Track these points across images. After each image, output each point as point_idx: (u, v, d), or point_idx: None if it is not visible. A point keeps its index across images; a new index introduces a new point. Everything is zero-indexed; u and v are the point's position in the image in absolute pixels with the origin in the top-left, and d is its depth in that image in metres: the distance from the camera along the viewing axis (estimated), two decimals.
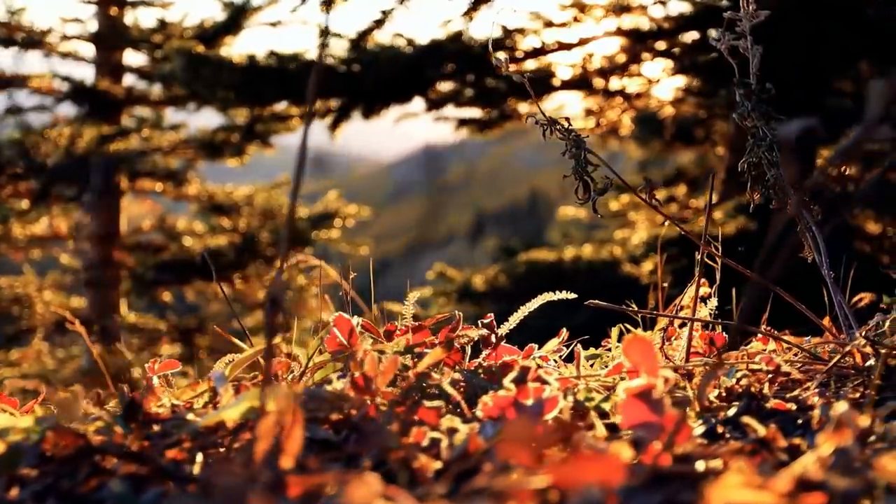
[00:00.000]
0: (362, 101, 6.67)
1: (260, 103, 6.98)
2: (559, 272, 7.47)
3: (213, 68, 6.47)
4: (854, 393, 1.62)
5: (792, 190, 2.10)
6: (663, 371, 1.39)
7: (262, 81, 6.42)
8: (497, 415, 1.42)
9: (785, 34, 6.36)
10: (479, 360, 2.02)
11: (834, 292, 1.97)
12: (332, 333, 1.88)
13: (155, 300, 10.77)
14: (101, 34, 11.01)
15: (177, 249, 10.51)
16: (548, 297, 2.16)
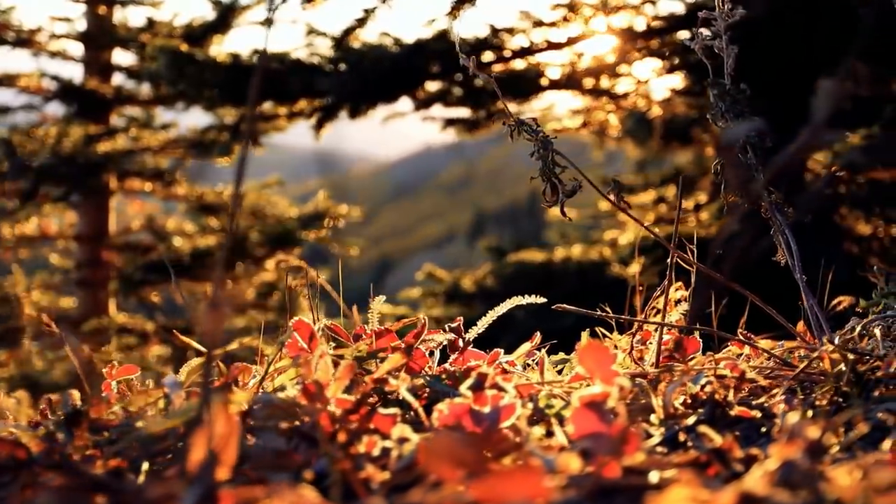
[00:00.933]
0: (348, 101, 6.63)
1: (243, 103, 6.93)
2: (548, 273, 7.43)
3: (196, 67, 6.42)
4: (822, 400, 1.59)
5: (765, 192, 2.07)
6: (619, 379, 1.36)
7: (246, 81, 6.37)
8: (453, 423, 1.39)
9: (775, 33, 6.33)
10: (445, 366, 1.99)
11: (806, 296, 1.94)
12: (293, 337, 1.84)
13: (143, 301, 10.72)
14: (89, 33, 10.95)
15: (165, 250, 10.45)
16: (517, 301, 2.13)
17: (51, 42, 10.85)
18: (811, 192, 6.49)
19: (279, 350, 1.83)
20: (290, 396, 1.48)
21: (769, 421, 1.49)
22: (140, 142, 10.42)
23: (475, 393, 1.48)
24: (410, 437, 1.32)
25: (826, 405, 1.56)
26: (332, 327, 2.19)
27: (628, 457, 1.12)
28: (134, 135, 10.38)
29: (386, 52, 6.09)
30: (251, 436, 1.44)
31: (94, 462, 1.31)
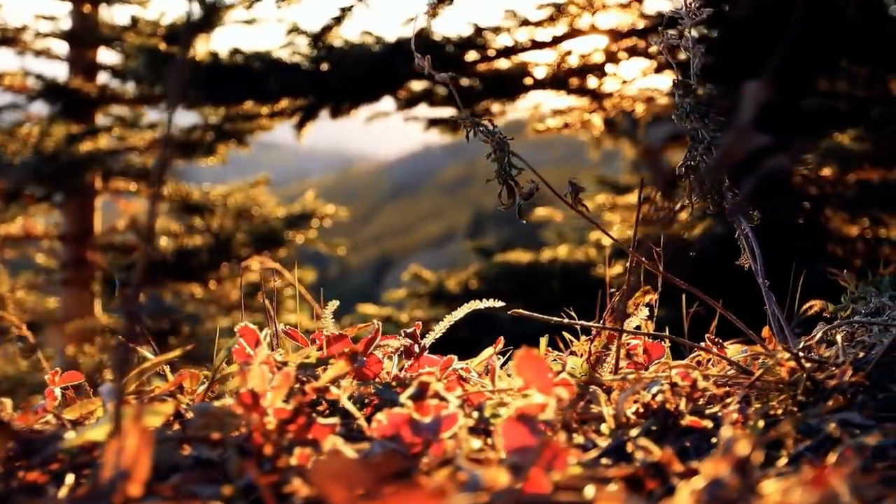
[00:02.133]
0: (329, 101, 6.57)
1: (223, 102, 6.87)
2: (534, 274, 7.39)
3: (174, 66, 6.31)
4: (777, 409, 1.55)
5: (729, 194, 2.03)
6: (557, 389, 1.31)
7: (225, 80, 6.31)
8: (391, 433, 1.34)
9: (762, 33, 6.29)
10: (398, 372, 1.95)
11: (768, 301, 1.90)
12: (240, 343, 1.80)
13: None
14: (74, 32, 10.89)
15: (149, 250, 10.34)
16: (475, 305, 2.09)
17: (36, 41, 10.79)
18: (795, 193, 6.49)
19: (225, 356, 1.78)
20: (226, 405, 1.44)
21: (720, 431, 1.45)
22: (125, 141, 10.35)
23: (416, 402, 1.44)
24: (342, 448, 1.28)
25: (781, 414, 1.52)
26: (290, 332, 2.15)
27: (557, 471, 1.08)
28: (118, 134, 10.31)
29: (367, 51, 6.04)
30: (188, 446, 1.40)
31: (13, 475, 1.26)
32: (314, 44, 5.80)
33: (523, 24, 7.19)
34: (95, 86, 10.76)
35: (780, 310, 1.96)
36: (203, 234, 10.52)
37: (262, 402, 1.41)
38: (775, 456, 1.32)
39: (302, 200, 11.28)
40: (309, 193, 11.33)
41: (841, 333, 1.82)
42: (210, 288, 10.11)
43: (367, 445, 1.33)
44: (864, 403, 1.50)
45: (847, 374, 1.49)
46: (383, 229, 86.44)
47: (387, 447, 1.30)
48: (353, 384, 1.72)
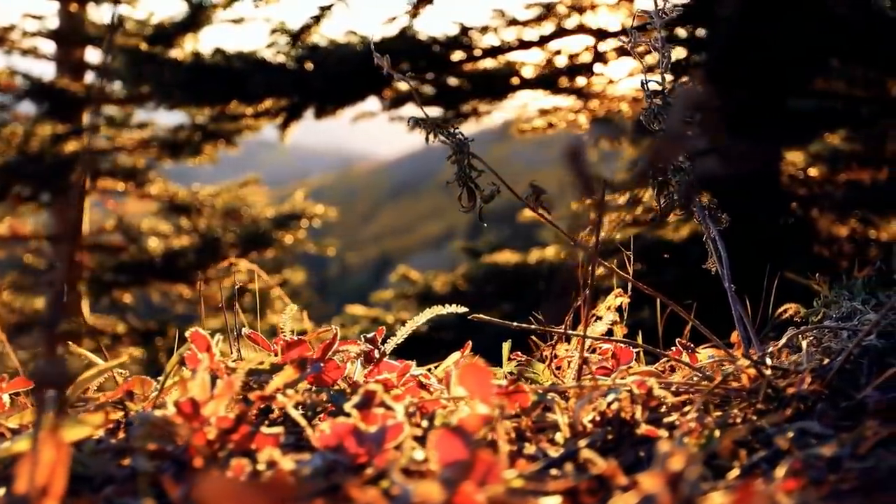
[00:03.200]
0: (314, 101, 6.52)
1: (205, 103, 6.81)
2: (521, 275, 7.33)
3: (156, 67, 6.30)
4: (736, 418, 1.51)
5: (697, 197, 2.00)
6: (497, 399, 1.27)
7: (207, 80, 6.25)
8: (335, 444, 1.30)
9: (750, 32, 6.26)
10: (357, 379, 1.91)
11: (734, 305, 1.86)
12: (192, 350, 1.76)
13: (115, 302, 10.59)
14: (61, 31, 10.82)
15: (136, 250, 10.31)
16: (437, 310, 2.05)
17: (23, 40, 10.71)
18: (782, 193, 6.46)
19: (176, 362, 1.74)
20: (166, 415, 1.39)
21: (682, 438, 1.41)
22: (113, 141, 10.28)
23: (362, 411, 1.40)
24: (279, 459, 1.24)
25: (740, 423, 1.48)
26: (252, 336, 2.11)
27: (491, 486, 1.04)
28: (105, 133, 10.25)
29: (351, 50, 5.99)
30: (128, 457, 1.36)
31: None
32: (293, 43, 5.75)
33: (511, 23, 7.16)
34: (82, 85, 10.69)
35: (748, 314, 1.92)
36: (191, 235, 10.47)
37: (202, 412, 1.38)
38: (728, 467, 1.28)
39: (291, 200, 11.23)
40: (298, 193, 11.28)
41: (807, 339, 1.79)
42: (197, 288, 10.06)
43: (309, 456, 1.29)
44: (824, 412, 1.46)
45: (806, 382, 1.45)
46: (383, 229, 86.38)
47: (327, 458, 1.26)
48: (305, 391, 1.68)
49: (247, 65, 6.19)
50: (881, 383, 1.53)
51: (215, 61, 6.25)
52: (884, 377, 1.51)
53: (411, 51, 6.09)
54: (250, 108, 6.99)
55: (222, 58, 6.26)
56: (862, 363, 1.67)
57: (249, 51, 6.43)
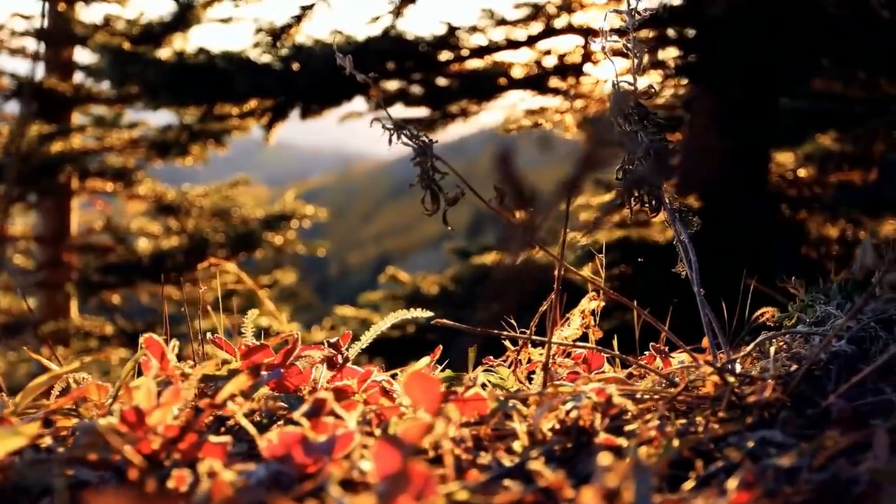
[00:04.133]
0: (299, 101, 6.48)
1: (189, 103, 6.76)
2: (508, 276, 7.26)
3: (140, 66, 6.26)
4: (698, 427, 1.47)
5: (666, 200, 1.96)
6: (448, 409, 1.24)
7: (190, 80, 6.20)
8: (282, 454, 1.27)
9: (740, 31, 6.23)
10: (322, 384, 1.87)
11: (702, 310, 1.83)
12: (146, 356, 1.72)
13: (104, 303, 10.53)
14: (49, 30, 10.77)
15: (123, 251, 10.27)
16: (403, 314, 2.03)
17: (11, 39, 10.66)
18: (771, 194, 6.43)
19: (132, 369, 1.70)
20: (111, 423, 1.36)
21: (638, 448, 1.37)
22: (102, 141, 10.23)
23: (312, 420, 1.37)
24: (219, 470, 1.20)
25: (702, 432, 1.45)
26: (217, 340, 2.08)
27: (427, 499, 1.00)
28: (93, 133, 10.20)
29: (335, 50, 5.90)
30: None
31: None
32: (273, 43, 5.72)
33: (500, 23, 7.12)
34: (70, 85, 10.64)
35: (717, 319, 1.89)
36: (179, 236, 10.42)
37: (147, 420, 1.34)
38: (684, 478, 1.25)
39: (282, 201, 11.19)
40: (289, 194, 11.23)
41: (775, 345, 1.76)
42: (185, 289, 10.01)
43: (254, 466, 1.26)
44: (787, 420, 1.43)
45: (768, 390, 1.42)
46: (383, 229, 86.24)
47: (271, 469, 1.23)
48: (265, 398, 1.65)
49: (231, 65, 6.15)
50: (847, 391, 1.50)
51: (199, 61, 6.21)
52: (849, 385, 1.48)
53: (398, 51, 6.05)
54: (236, 109, 6.95)
55: (206, 58, 6.22)
56: (831, 369, 1.64)
57: (233, 50, 6.38)
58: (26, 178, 8.84)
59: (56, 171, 9.17)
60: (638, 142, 2.05)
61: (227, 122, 7.64)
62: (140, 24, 9.76)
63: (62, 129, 9.46)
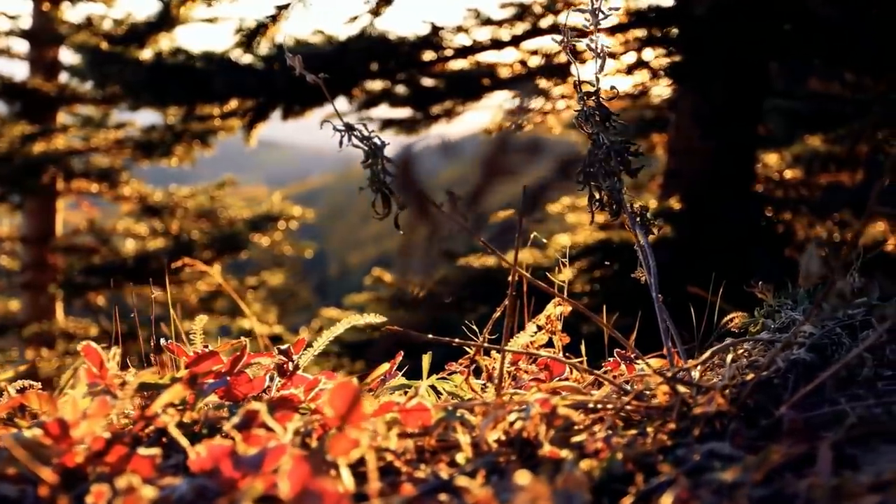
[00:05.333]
0: (280, 101, 6.43)
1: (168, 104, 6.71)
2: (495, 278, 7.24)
3: (118, 66, 6.20)
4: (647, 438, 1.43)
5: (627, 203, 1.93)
6: (373, 422, 1.20)
7: (169, 81, 6.15)
8: (210, 467, 1.22)
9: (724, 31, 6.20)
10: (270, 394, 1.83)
11: (660, 316, 1.79)
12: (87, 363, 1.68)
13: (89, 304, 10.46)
14: (34, 30, 10.71)
15: (107, 252, 10.21)
16: (355, 320, 1.99)
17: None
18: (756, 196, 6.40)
19: (71, 377, 1.66)
20: (35, 436, 1.31)
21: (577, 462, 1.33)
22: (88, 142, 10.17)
23: (243, 432, 1.33)
24: (138, 486, 1.16)
25: (650, 444, 1.41)
26: (170, 347, 2.04)
27: None
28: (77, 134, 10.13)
29: (315, 50, 5.89)
30: None
31: None
32: (247, 43, 5.67)
33: (486, 23, 7.07)
34: (55, 85, 10.58)
35: (675, 326, 1.85)
36: (165, 237, 10.37)
37: (72, 433, 1.30)
38: (625, 492, 1.21)
39: (269, 202, 11.13)
40: (276, 195, 11.17)
41: (732, 353, 1.72)
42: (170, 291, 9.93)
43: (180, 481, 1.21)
44: (736, 432, 1.38)
45: (716, 401, 1.38)
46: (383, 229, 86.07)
47: (196, 484, 1.18)
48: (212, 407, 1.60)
49: (210, 65, 6.10)
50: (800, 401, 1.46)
51: (177, 61, 6.15)
52: (800, 395, 1.44)
53: (380, 51, 6.01)
54: (217, 109, 6.90)
55: (185, 58, 6.16)
56: (788, 378, 1.60)
57: (213, 50, 6.33)
58: (8, 179, 8.77)
59: (39, 172, 9.11)
60: (599, 143, 2.02)
61: (209, 123, 7.59)
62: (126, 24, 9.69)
63: (45, 129, 9.39)
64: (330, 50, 5.91)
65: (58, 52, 11.07)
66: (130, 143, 9.90)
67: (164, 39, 8.57)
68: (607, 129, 2.03)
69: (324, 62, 5.73)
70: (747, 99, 6.67)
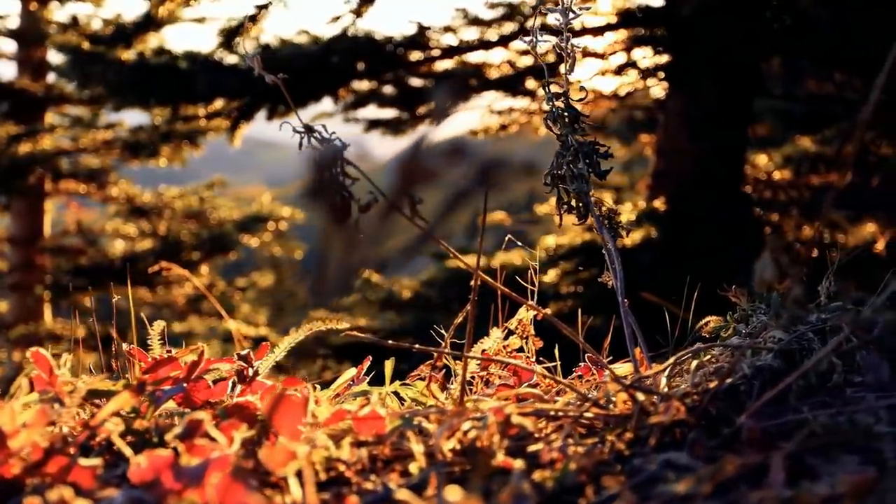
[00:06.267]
0: (265, 102, 6.38)
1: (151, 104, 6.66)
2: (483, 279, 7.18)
3: (100, 67, 6.16)
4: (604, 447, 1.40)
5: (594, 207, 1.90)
6: (314, 435, 1.17)
7: (152, 81, 6.10)
8: (151, 478, 1.19)
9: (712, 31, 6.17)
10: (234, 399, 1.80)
11: (625, 320, 1.76)
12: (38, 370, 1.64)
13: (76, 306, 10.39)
14: (21, 30, 10.65)
15: (94, 253, 10.16)
16: (318, 326, 1.95)
17: None
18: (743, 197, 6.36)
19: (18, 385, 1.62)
20: None
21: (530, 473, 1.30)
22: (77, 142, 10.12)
23: (186, 442, 1.29)
24: (69, 499, 1.12)
25: (608, 453, 1.38)
26: (132, 351, 2.00)
27: None
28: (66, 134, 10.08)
29: (299, 50, 5.85)
30: None
31: None
32: (227, 43, 5.62)
33: (474, 23, 7.04)
34: (42, 85, 10.52)
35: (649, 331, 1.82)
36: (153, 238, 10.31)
37: (9, 443, 1.26)
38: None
39: (258, 202, 11.07)
40: (265, 196, 11.12)
41: (698, 360, 1.69)
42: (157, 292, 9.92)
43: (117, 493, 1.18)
44: (695, 441, 1.35)
45: (673, 409, 1.34)
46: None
47: (132, 496, 1.15)
48: (153, 417, 1.57)
49: (194, 65, 6.05)
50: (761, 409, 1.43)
51: (160, 61, 6.11)
52: (761, 402, 1.41)
53: (366, 51, 5.97)
54: (202, 110, 6.86)
55: (168, 58, 6.12)
56: (754, 384, 1.57)
57: (196, 51, 6.28)
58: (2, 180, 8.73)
59: (26, 173, 9.05)
60: (567, 145, 1.99)
61: (194, 123, 7.54)
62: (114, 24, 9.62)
63: (31, 129, 9.34)
64: (315, 50, 5.87)
65: (46, 52, 11.01)
66: (119, 144, 9.84)
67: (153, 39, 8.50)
68: (576, 131, 2.00)
69: (309, 62, 5.69)
70: (736, 100, 6.64)
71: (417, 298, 7.43)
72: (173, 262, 9.43)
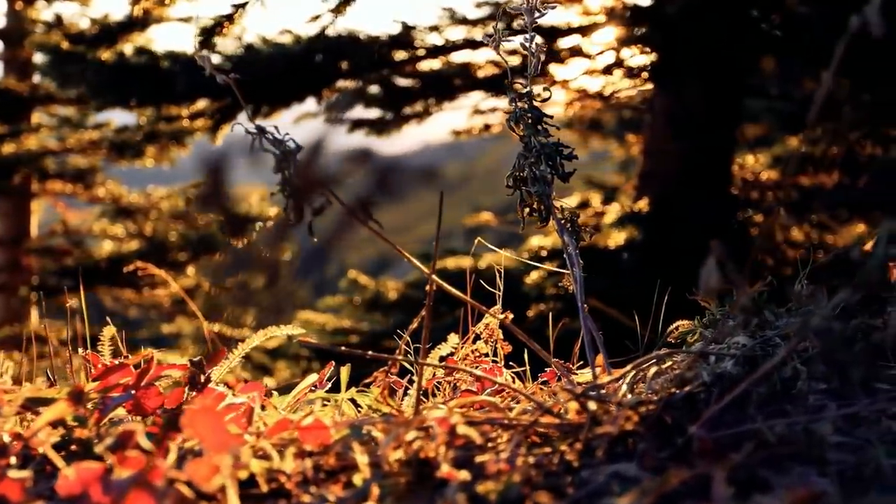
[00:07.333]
0: (249, 102, 6.32)
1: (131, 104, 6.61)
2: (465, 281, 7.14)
3: (79, 66, 6.12)
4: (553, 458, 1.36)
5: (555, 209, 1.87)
6: (240, 447, 1.13)
7: (132, 81, 6.06)
8: (79, 492, 1.15)
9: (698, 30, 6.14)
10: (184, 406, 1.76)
11: (584, 325, 1.73)
12: None
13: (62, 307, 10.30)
14: (7, 30, 10.60)
15: (80, 254, 10.12)
16: (273, 331, 1.92)
17: None
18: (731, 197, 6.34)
19: None
20: None
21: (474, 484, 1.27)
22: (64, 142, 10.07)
23: (118, 454, 1.25)
24: None
25: (556, 464, 1.34)
26: (89, 357, 1.97)
27: None
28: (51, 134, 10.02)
29: (281, 50, 5.81)
30: None
31: None
32: (204, 42, 5.58)
33: (461, 22, 7.01)
34: (28, 85, 10.46)
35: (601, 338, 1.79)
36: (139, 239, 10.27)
37: None
38: None
39: (246, 202, 11.03)
40: (254, 195, 11.07)
41: (657, 367, 1.65)
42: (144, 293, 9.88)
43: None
44: (645, 452, 1.32)
45: (621, 418, 1.31)
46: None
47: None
48: (95, 426, 1.53)
49: (175, 64, 6.01)
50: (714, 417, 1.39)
51: (140, 61, 6.06)
52: (713, 411, 1.37)
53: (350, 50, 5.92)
54: (185, 110, 6.81)
55: (148, 57, 6.08)
56: (713, 392, 1.53)
57: (178, 50, 6.24)
58: None
59: (11, 173, 8.99)
60: (530, 146, 1.96)
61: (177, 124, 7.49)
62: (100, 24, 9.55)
63: (16, 129, 9.28)
64: (298, 50, 5.83)
65: (32, 52, 10.95)
66: (105, 144, 9.78)
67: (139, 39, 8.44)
68: (538, 132, 1.97)
69: (291, 62, 5.65)
70: (723, 100, 6.62)
71: (404, 300, 7.40)
72: (160, 262, 9.38)
